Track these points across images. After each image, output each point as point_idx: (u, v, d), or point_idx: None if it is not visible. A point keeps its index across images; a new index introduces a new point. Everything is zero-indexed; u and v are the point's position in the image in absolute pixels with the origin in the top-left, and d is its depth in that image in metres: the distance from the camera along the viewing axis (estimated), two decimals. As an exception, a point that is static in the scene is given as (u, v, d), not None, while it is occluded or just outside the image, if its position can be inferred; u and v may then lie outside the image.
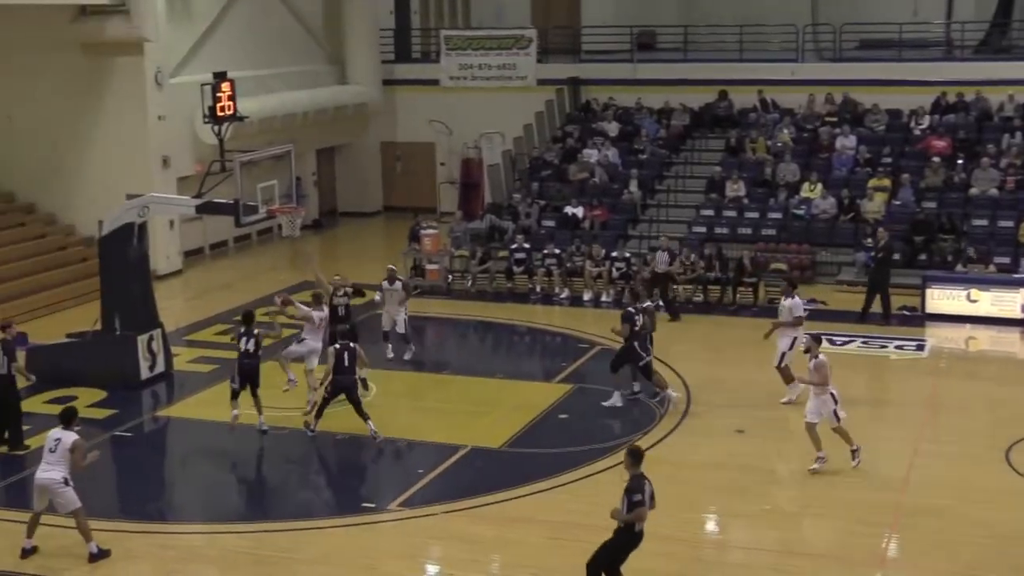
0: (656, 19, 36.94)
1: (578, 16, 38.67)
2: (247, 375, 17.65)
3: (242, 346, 17.62)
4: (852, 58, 33.30)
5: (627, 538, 12.20)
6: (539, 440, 17.77)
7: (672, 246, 25.62)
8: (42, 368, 20.29)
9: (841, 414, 16.17)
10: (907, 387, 20.32)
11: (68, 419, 13.88)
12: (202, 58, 29.60)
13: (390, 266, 22.10)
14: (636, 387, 19.19)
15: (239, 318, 18.59)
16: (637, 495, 12.03)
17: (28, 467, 16.82)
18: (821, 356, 16.24)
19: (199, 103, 21.58)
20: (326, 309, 19.30)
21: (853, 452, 16.16)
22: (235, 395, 17.71)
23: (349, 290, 20.67)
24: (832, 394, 16.18)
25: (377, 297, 21.97)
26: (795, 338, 18.68)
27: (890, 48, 32.95)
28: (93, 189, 27.62)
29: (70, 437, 13.67)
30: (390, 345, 21.47)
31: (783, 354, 18.86)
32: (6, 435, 17.50)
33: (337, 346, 17.42)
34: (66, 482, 13.59)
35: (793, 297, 19.15)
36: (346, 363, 17.23)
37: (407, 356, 21.44)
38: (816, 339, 16.77)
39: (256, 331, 17.77)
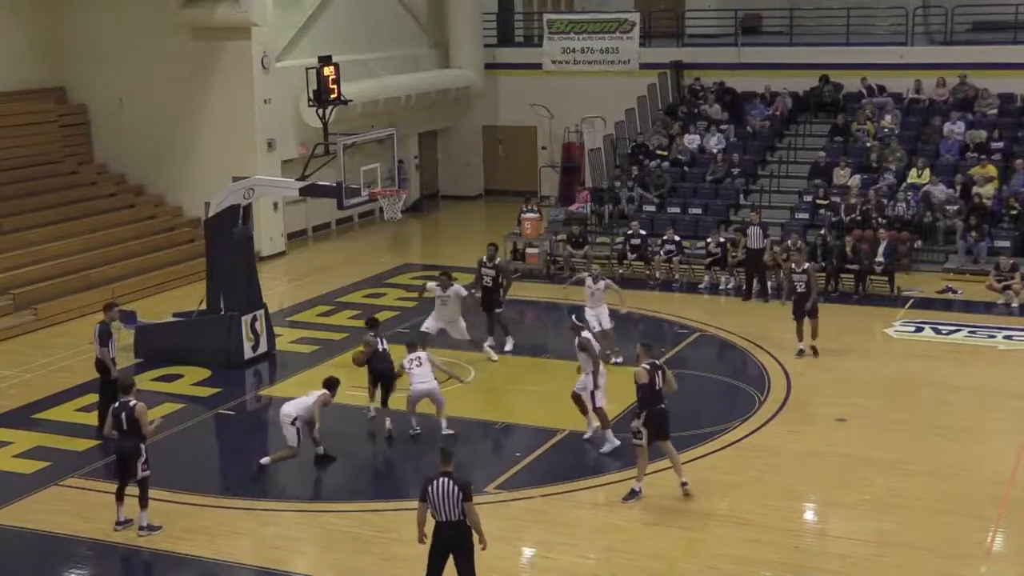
0: (761, 2, 36.43)
1: (682, -1, 38.40)
2: None
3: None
4: (964, 41, 32.46)
5: None
6: (637, 425, 17.70)
7: (762, 221, 25.08)
8: (149, 346, 20.85)
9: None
10: (1017, 378, 19.78)
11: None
12: (307, 42, 29.96)
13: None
14: None
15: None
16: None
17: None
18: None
19: (304, 87, 21.89)
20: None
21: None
22: None
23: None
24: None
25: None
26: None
27: (1006, 31, 32.06)
28: (200, 171, 28.16)
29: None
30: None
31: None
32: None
33: None
34: None
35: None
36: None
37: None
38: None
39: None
